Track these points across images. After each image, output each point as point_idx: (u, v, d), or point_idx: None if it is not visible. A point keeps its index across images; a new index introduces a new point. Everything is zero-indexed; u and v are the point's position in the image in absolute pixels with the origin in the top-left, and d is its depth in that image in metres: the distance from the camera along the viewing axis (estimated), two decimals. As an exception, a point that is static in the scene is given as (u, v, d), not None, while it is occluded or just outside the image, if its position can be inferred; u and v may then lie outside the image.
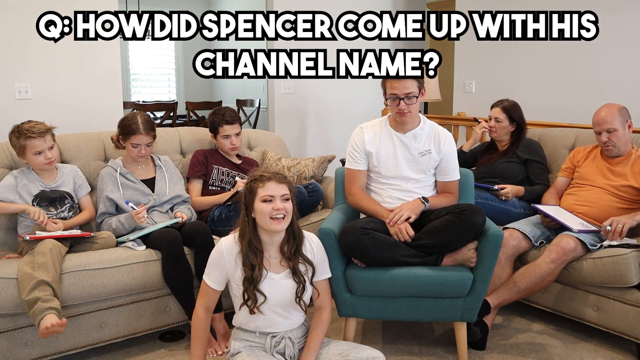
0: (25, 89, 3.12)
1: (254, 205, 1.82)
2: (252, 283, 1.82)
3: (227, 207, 2.72)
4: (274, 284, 1.86)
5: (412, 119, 2.37)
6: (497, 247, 2.14)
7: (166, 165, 2.76)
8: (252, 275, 1.81)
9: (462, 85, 4.98)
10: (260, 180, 1.83)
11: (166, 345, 2.45)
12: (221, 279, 1.90)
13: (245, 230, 1.85)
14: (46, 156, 2.41)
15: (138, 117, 2.62)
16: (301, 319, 1.95)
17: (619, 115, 2.56)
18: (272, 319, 1.88)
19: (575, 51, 4.10)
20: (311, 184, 2.93)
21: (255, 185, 1.83)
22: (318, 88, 4.91)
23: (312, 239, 1.98)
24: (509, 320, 2.70)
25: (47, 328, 1.91)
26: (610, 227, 2.32)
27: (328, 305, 1.98)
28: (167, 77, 7.99)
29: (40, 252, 2.09)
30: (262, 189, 1.82)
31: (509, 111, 3.07)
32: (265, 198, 1.81)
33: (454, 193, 2.43)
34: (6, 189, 2.40)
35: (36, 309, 1.95)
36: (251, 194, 1.84)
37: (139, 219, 2.43)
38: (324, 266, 1.99)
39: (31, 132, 2.36)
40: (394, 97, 2.29)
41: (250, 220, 1.85)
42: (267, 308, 1.85)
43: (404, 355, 2.37)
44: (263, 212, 1.81)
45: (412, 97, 2.28)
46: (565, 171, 2.84)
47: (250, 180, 1.86)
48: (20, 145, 2.39)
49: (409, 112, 2.30)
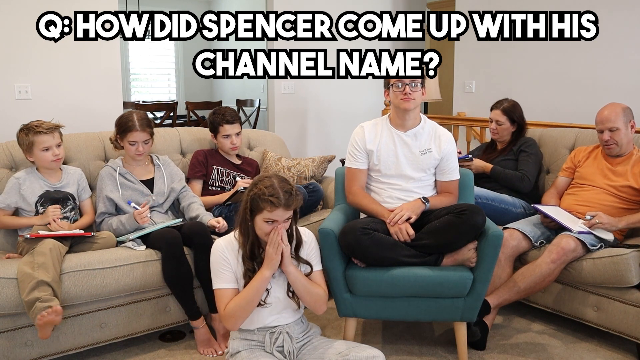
0: (25, 89, 3.12)
1: (256, 218, 1.81)
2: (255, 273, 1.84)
3: (227, 207, 2.72)
4: (272, 279, 1.86)
5: (414, 111, 2.37)
6: (497, 247, 2.14)
7: (165, 165, 2.76)
8: (253, 266, 1.84)
9: (462, 85, 4.98)
10: (268, 203, 1.77)
11: (166, 345, 2.45)
12: (232, 276, 1.88)
13: (248, 231, 1.86)
14: (54, 153, 2.42)
15: (134, 114, 2.63)
16: (298, 314, 1.96)
17: (622, 114, 2.56)
18: (268, 316, 1.89)
19: (575, 51, 4.10)
20: (311, 184, 2.93)
21: (263, 205, 1.78)
22: (318, 88, 4.91)
23: (305, 234, 1.98)
24: (509, 320, 2.70)
25: (42, 317, 1.91)
26: (589, 218, 2.41)
27: (324, 287, 1.95)
28: (167, 77, 7.99)
29: (40, 252, 2.09)
30: (269, 212, 1.78)
31: (509, 113, 3.07)
32: (268, 220, 1.80)
33: (454, 193, 2.44)
34: (8, 195, 2.40)
35: (35, 309, 1.95)
36: (257, 208, 1.80)
37: (141, 218, 2.43)
38: (317, 259, 1.99)
39: (40, 127, 2.40)
40: (400, 83, 2.32)
41: (250, 223, 1.85)
42: (263, 307, 1.86)
43: (404, 355, 2.37)
44: (262, 229, 1.82)
45: (417, 85, 2.32)
46: (566, 171, 2.83)
47: (259, 194, 1.79)
48: (29, 142, 2.39)
49: (413, 100, 2.32)
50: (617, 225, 2.42)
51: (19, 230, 2.42)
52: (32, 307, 1.96)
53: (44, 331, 2.00)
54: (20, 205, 2.42)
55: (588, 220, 2.42)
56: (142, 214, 2.43)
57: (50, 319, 1.93)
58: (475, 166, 3.02)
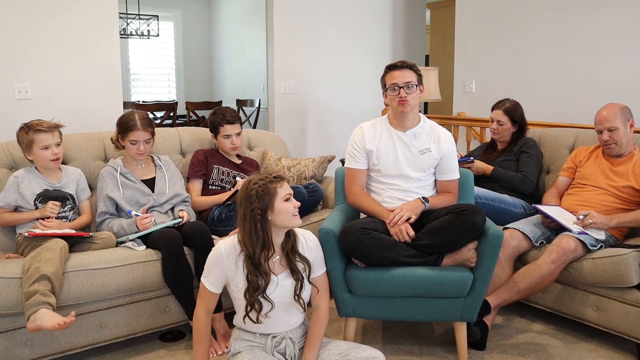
0: (25, 89, 3.12)
1: (275, 206, 1.80)
2: (259, 290, 1.80)
3: (227, 206, 2.72)
4: (276, 286, 1.85)
5: (412, 111, 2.37)
6: (497, 247, 2.14)
7: (166, 165, 2.76)
8: (258, 283, 1.80)
9: (462, 85, 4.98)
10: (277, 181, 1.81)
11: (166, 345, 2.45)
12: (220, 282, 1.88)
13: (259, 236, 1.80)
14: (53, 152, 2.43)
15: (135, 114, 2.63)
16: (301, 319, 1.95)
17: (620, 114, 2.56)
18: (274, 321, 1.88)
19: (575, 51, 4.10)
20: (311, 184, 2.93)
21: (273, 186, 1.80)
22: (318, 88, 4.91)
23: (308, 236, 1.97)
24: (509, 320, 2.70)
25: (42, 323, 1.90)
26: (581, 217, 2.40)
27: (325, 303, 1.96)
28: (167, 77, 7.99)
29: (51, 248, 2.11)
30: (282, 188, 1.82)
31: (510, 113, 3.07)
32: (287, 197, 1.82)
33: (454, 193, 2.43)
34: (8, 193, 2.41)
35: (32, 301, 1.94)
36: (268, 196, 1.79)
37: (143, 225, 2.41)
38: (321, 261, 1.99)
39: (40, 126, 2.41)
40: (395, 86, 2.32)
41: (266, 224, 1.80)
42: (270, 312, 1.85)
43: (404, 355, 2.37)
44: (288, 210, 1.81)
45: (412, 86, 2.31)
46: (567, 171, 2.83)
47: (265, 183, 1.80)
48: (29, 140, 2.40)
49: (409, 102, 2.32)
50: (609, 223, 2.41)
51: (17, 228, 2.42)
52: (30, 299, 1.95)
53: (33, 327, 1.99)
54: (20, 203, 2.42)
55: (581, 220, 2.41)
56: (143, 220, 2.42)
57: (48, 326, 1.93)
58: (476, 168, 3.02)
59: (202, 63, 8.03)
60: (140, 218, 2.42)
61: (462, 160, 2.99)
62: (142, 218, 2.42)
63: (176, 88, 7.99)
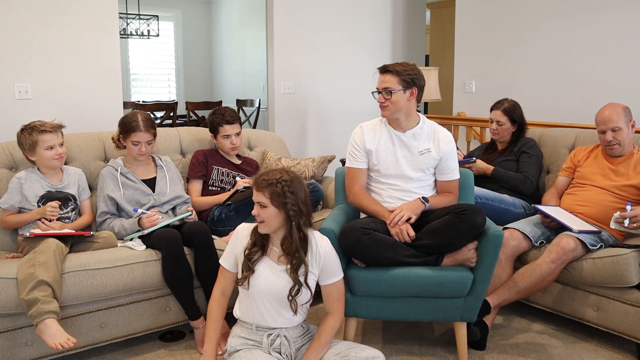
0: (25, 89, 3.12)
1: None
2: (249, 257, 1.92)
3: (227, 207, 2.72)
4: (270, 270, 1.88)
5: (400, 114, 2.36)
6: (497, 247, 2.14)
7: (167, 166, 2.76)
8: (250, 249, 1.92)
9: (462, 85, 4.98)
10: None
11: (166, 345, 2.45)
12: (233, 261, 1.99)
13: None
14: (57, 151, 2.44)
15: (138, 115, 2.63)
16: (300, 319, 1.95)
17: (623, 114, 2.56)
18: (263, 312, 1.89)
19: (575, 51, 4.11)
20: (311, 184, 2.93)
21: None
22: (318, 88, 4.91)
23: (321, 244, 1.94)
24: (509, 320, 2.70)
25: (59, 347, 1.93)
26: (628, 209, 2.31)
27: (336, 311, 1.96)
28: (167, 77, 7.99)
29: (43, 250, 2.10)
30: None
31: (510, 113, 3.07)
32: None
33: (454, 193, 2.43)
34: (11, 195, 2.41)
35: (35, 312, 1.94)
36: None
37: (151, 221, 2.42)
38: (333, 269, 1.95)
39: (44, 126, 2.42)
40: (376, 91, 2.36)
41: None
42: (257, 293, 1.88)
43: (404, 355, 2.37)
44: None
45: (389, 92, 2.31)
46: (566, 171, 2.83)
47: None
48: (32, 141, 2.40)
49: (387, 106, 2.33)
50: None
51: (19, 229, 2.42)
52: (32, 308, 1.95)
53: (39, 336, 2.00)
54: (23, 205, 2.42)
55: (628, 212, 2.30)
56: (151, 217, 2.42)
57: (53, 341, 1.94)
58: (476, 168, 3.02)
59: (202, 63, 8.03)
60: (147, 216, 2.42)
61: (464, 161, 2.99)
62: (149, 216, 2.42)
63: (176, 88, 8.00)
